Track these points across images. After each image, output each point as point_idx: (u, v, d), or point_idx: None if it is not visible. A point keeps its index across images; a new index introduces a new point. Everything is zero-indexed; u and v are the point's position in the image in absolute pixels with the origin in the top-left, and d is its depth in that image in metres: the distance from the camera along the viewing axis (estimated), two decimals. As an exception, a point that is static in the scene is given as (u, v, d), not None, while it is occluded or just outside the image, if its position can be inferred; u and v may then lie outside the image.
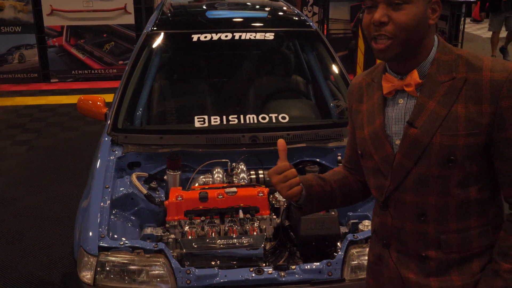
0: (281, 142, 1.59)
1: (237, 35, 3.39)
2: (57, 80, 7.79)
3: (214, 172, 2.86)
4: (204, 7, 4.21)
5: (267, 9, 4.18)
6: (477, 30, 11.66)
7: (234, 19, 3.81)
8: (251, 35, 3.40)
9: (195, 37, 3.39)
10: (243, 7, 4.41)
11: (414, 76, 1.41)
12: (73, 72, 7.81)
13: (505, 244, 1.43)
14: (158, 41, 3.51)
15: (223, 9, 4.15)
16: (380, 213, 1.55)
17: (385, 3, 1.36)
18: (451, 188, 1.41)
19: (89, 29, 7.70)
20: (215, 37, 3.38)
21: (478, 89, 1.36)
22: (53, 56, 7.73)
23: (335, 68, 3.46)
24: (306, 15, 8.49)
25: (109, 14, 7.61)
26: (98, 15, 7.58)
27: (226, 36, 3.39)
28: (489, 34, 9.49)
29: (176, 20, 3.98)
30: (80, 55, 7.77)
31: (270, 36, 3.44)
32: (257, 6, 4.35)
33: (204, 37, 3.38)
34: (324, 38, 3.62)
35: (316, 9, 8.67)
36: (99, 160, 2.82)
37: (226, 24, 3.64)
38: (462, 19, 6.82)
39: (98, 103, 3.28)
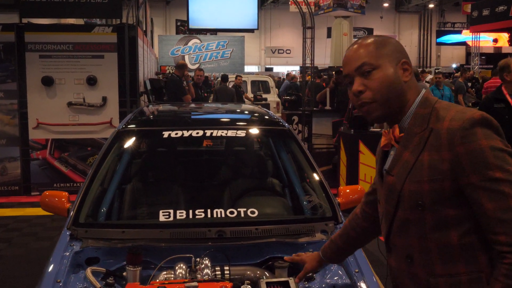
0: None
1: (208, 132, 3.37)
2: (38, 193, 7.68)
3: (177, 267, 2.68)
4: (184, 110, 4.26)
5: (241, 110, 4.21)
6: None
7: (207, 118, 3.82)
8: (222, 132, 3.38)
9: (166, 134, 3.37)
10: (220, 110, 4.47)
11: (395, 131, 1.61)
12: (55, 185, 7.73)
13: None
14: (128, 138, 3.48)
15: (200, 111, 4.19)
16: (387, 256, 1.72)
17: (359, 75, 1.59)
18: (428, 232, 1.51)
19: (74, 142, 7.76)
20: (186, 134, 3.36)
21: (438, 138, 1.49)
22: (35, 168, 7.71)
23: (307, 165, 3.39)
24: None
25: (94, 128, 7.70)
26: (84, 128, 7.67)
27: (198, 133, 3.37)
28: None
29: (149, 119, 3.99)
30: (63, 168, 7.75)
31: (241, 133, 3.42)
32: (233, 109, 4.40)
33: (175, 133, 3.36)
34: (296, 136, 3.61)
35: (300, 127, 8.86)
36: (53, 255, 2.66)
37: (200, 122, 3.64)
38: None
39: (62, 198, 3.17)
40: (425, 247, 1.52)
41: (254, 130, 3.62)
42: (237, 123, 3.64)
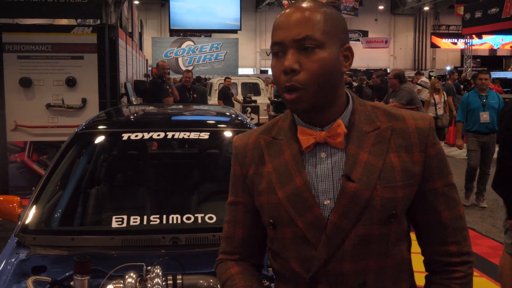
0: None
1: (170, 134, 3.24)
2: (16, 197, 7.53)
3: (127, 277, 2.55)
4: (149, 111, 4.13)
5: (208, 112, 4.09)
6: (451, 152, 11.73)
7: (171, 120, 3.68)
8: (185, 134, 3.25)
9: (125, 136, 3.23)
10: (187, 111, 4.33)
11: (341, 126, 1.29)
12: (33, 188, 7.55)
13: None
14: (86, 140, 3.35)
15: (166, 112, 4.06)
16: None
17: (295, 48, 1.24)
18: (390, 248, 1.29)
19: (53, 145, 7.59)
20: (147, 136, 3.22)
21: (407, 137, 1.30)
22: (13, 171, 7.56)
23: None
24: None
25: (74, 130, 7.53)
26: (63, 131, 7.50)
27: (159, 135, 3.23)
28: (463, 155, 9.31)
29: (111, 120, 3.85)
30: (41, 171, 7.59)
31: (205, 135, 3.29)
32: (200, 110, 4.27)
33: (135, 136, 3.22)
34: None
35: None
36: (-5, 264, 2.52)
37: (162, 124, 3.51)
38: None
39: (14, 203, 3.03)
40: (382, 268, 1.29)
41: (219, 132, 3.49)
42: (201, 125, 3.51)
